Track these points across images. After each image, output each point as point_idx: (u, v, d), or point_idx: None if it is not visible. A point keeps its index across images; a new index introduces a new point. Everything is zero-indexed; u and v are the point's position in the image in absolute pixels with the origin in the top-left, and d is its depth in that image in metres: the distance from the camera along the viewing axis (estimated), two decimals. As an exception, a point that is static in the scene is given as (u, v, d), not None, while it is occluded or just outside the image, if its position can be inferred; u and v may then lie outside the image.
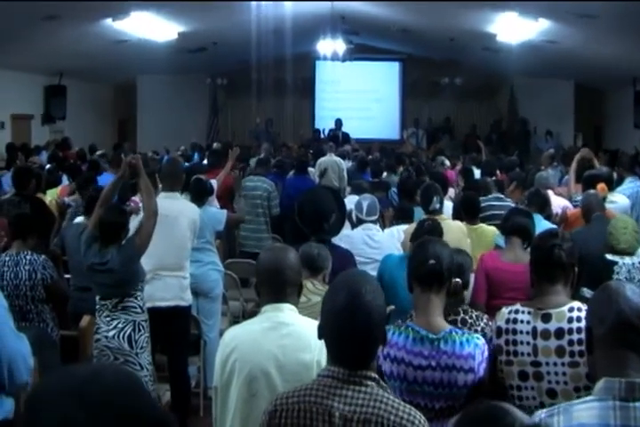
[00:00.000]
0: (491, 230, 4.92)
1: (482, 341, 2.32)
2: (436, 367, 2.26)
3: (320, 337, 1.84)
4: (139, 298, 3.84)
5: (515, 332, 2.43)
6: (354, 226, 4.90)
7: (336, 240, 4.12)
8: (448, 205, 5.46)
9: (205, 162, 8.25)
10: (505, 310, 2.51)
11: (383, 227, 5.57)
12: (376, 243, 4.61)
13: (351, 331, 1.76)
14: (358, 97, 17.26)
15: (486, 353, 2.31)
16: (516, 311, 2.46)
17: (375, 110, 17.32)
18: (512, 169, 7.64)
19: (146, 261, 4.00)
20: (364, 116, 17.08)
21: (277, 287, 2.29)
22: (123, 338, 3.76)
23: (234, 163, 7.08)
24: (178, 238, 4.43)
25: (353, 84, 17.26)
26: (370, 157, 10.93)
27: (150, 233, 3.85)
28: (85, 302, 4.24)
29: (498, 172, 7.65)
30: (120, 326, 3.77)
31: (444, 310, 2.40)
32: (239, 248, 7.22)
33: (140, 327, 3.81)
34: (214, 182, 5.98)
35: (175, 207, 4.45)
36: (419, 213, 5.16)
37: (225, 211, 5.51)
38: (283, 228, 7.42)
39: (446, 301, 2.41)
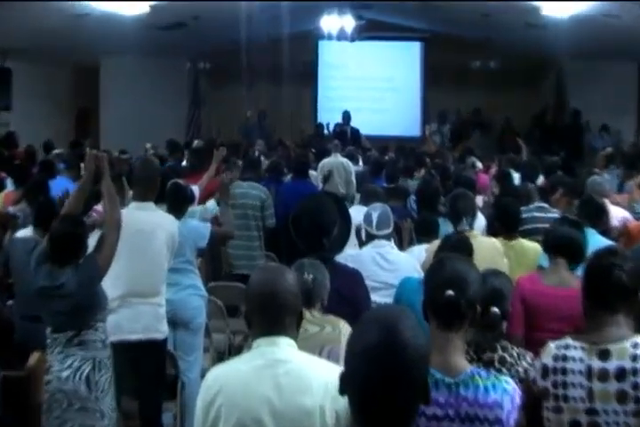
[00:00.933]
0: (533, 248, 4.90)
1: (512, 385, 2.28)
2: (455, 418, 2.23)
3: (342, 392, 1.82)
4: (100, 330, 3.84)
5: (565, 372, 2.42)
6: (362, 244, 4.92)
7: (340, 260, 4.13)
8: (478, 218, 5.47)
9: (185, 164, 8.29)
10: (552, 345, 2.50)
11: (400, 244, 5.59)
12: (390, 264, 4.63)
13: (387, 383, 1.73)
14: (370, 85, 17.37)
15: (518, 400, 2.27)
16: (566, 347, 2.46)
17: (391, 101, 17.41)
18: (552, 172, 7.65)
19: (113, 286, 4.01)
20: (378, 109, 17.17)
21: (273, 316, 2.30)
22: (80, 379, 3.75)
23: (219, 166, 7.11)
24: (153, 257, 4.47)
25: (364, 70, 17.38)
26: (385, 157, 11.00)
27: (114, 249, 3.87)
28: (34, 335, 4.22)
29: (542, 176, 7.67)
30: (76, 364, 3.77)
31: (478, 346, 2.39)
32: (226, 269, 7.28)
33: (102, 366, 3.81)
34: (196, 189, 6.00)
35: (150, 220, 4.48)
36: (444, 227, 5.16)
37: (209, 224, 5.55)
38: (279, 244, 7.45)
39: (479, 335, 2.39)
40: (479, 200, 6.73)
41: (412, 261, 4.71)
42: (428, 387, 1.82)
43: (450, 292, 2.26)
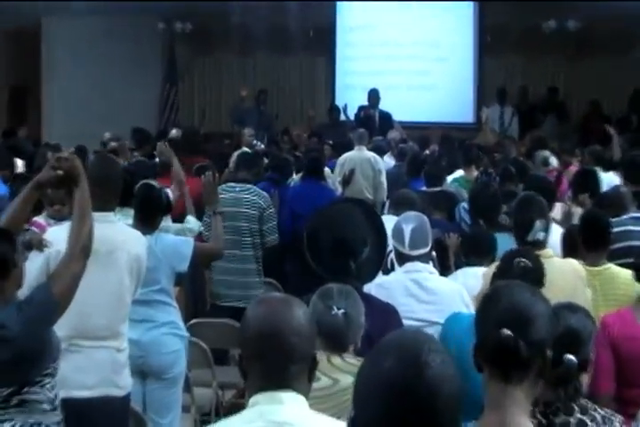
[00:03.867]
0: (625, 276, 4.86)
1: None
2: None
3: None
4: (47, 387, 3.81)
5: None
6: (386, 271, 4.98)
7: (365, 290, 4.17)
8: (555, 232, 5.49)
9: (158, 160, 8.32)
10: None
11: (443, 267, 5.63)
12: (429, 293, 4.66)
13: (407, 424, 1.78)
14: (407, 54, 17.25)
15: None
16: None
17: (434, 76, 17.32)
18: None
19: (56, 324, 4.03)
20: (417, 86, 17.10)
21: (276, 365, 2.33)
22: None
23: (204, 163, 7.14)
24: (110, 287, 4.49)
25: (398, 34, 17.30)
26: (425, 152, 11.01)
27: (77, 281, 3.86)
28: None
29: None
30: (15, 432, 3.77)
31: (548, 405, 2.40)
32: (211, 300, 7.29)
33: (48, 433, 3.81)
34: (172, 193, 6.04)
35: (108, 237, 4.44)
36: (505, 244, 5.17)
37: (191, 239, 5.60)
38: (283, 267, 7.45)
39: (550, 391, 2.40)
40: (557, 210, 6.74)
41: (458, 291, 4.73)
42: None
43: (506, 331, 2.26)
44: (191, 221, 6.36)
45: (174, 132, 11.64)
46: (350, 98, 15.81)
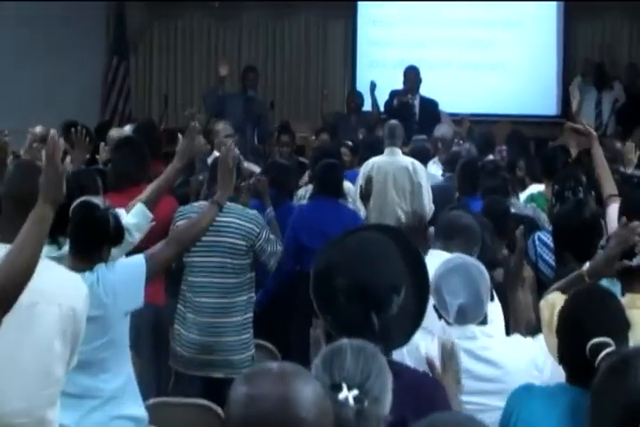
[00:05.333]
0: None
1: None
2: None
3: None
4: None
5: None
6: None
7: (398, 355, 4.21)
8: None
9: (103, 166, 8.36)
10: None
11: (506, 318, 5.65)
12: (490, 366, 4.81)
13: None
14: (462, 17, 17.32)
15: None
16: None
17: (502, 48, 17.44)
18: None
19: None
20: (476, 63, 17.25)
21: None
22: None
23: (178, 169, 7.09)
24: (33, 355, 4.49)
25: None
26: (488, 155, 11.02)
27: None
28: None
29: None
30: None
31: None
32: (175, 366, 7.28)
33: None
34: (124, 214, 6.06)
35: (32, 282, 4.48)
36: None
37: (140, 260, 5.59)
38: (280, 321, 7.49)
39: None
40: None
41: (531, 359, 4.81)
42: None
43: None
44: (139, 213, 6.24)
45: (129, 128, 11.61)
46: (378, 79, 15.59)
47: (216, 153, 10.11)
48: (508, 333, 5.56)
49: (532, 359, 4.78)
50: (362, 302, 3.93)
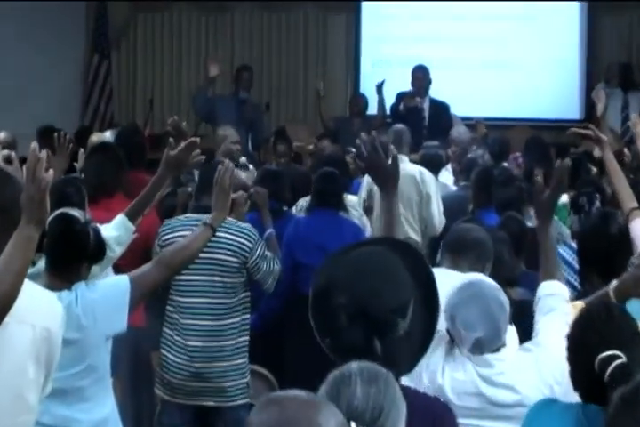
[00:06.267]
0: None
1: None
2: None
3: None
4: None
5: None
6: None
7: (406, 381, 4.17)
8: None
9: (81, 174, 8.36)
10: None
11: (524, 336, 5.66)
12: (506, 391, 4.92)
13: None
14: (475, 12, 17.52)
15: None
16: None
17: (519, 46, 17.39)
18: None
19: None
20: (491, 61, 17.30)
21: None
22: None
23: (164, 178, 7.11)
24: (4, 379, 4.45)
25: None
26: (503, 163, 11.04)
27: None
28: None
29: None
30: None
31: None
32: (161, 393, 7.33)
33: None
34: (105, 228, 6.06)
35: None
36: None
37: (124, 280, 5.71)
38: (281, 343, 7.46)
39: None
40: None
41: (548, 385, 4.95)
42: None
43: None
44: (119, 225, 6.27)
45: (110, 134, 11.59)
46: (384, 78, 15.76)
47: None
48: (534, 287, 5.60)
49: (549, 386, 4.87)
50: (363, 323, 3.90)
